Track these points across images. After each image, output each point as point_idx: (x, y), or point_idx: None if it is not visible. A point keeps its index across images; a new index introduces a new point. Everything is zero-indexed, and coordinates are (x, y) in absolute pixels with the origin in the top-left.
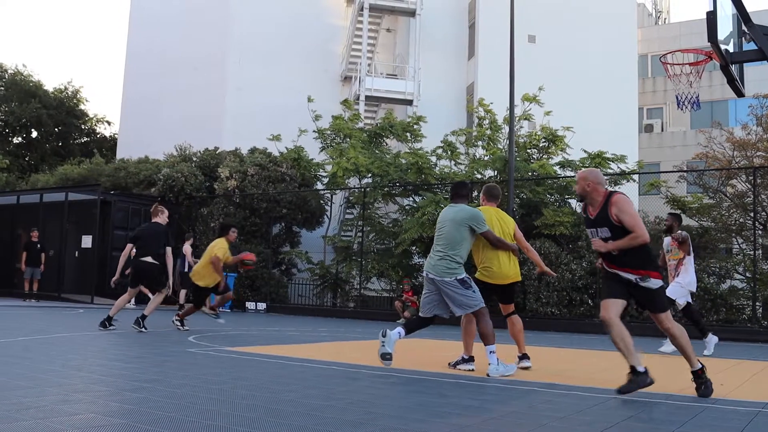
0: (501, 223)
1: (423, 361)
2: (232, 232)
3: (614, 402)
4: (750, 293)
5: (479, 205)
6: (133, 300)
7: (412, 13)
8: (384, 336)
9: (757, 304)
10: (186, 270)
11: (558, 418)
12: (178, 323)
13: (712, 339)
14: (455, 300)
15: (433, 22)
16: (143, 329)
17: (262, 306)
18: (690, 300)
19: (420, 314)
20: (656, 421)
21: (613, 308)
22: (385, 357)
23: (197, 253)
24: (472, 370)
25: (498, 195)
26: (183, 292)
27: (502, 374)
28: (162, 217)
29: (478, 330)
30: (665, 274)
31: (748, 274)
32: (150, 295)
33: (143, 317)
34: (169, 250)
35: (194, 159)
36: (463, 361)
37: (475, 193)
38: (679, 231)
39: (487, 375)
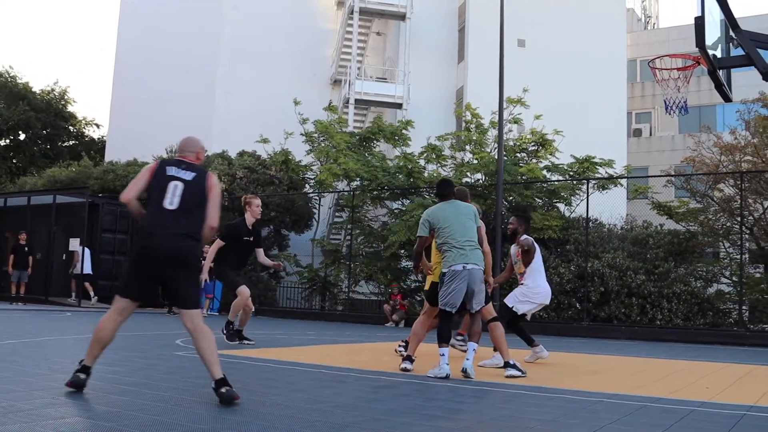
0: None
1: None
2: None
3: (600, 406)
4: (737, 297)
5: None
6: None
7: (402, 17)
8: (465, 373)
9: (744, 308)
10: None
11: (545, 422)
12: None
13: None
14: (482, 292)
15: (423, 26)
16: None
17: None
18: (523, 311)
19: (451, 309)
20: (642, 424)
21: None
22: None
23: None
24: (410, 370)
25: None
26: None
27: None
28: (248, 211)
29: (472, 327)
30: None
31: (734, 278)
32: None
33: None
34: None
35: None
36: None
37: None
38: (525, 236)
39: (463, 369)
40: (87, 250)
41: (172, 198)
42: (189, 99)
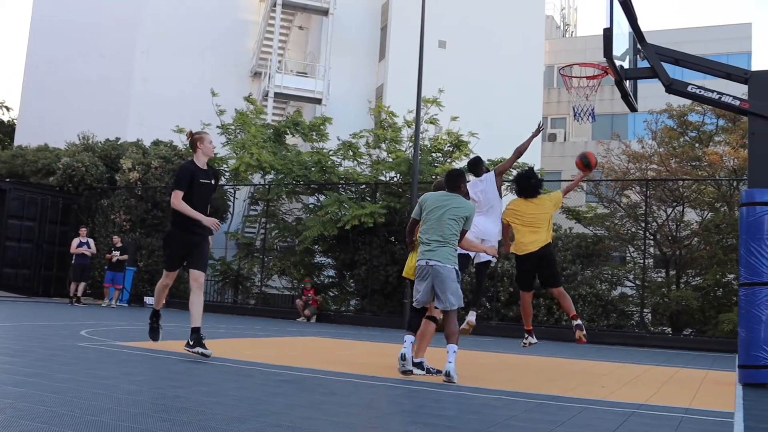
0: None
1: (319, 359)
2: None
3: (499, 402)
4: (639, 300)
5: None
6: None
7: (325, 12)
8: (403, 359)
9: (645, 310)
10: (73, 262)
11: (444, 417)
12: None
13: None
14: (449, 290)
15: (345, 22)
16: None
17: None
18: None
19: (417, 305)
20: (536, 420)
21: None
22: (408, 374)
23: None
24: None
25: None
26: (74, 285)
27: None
28: (200, 148)
29: (447, 329)
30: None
31: (638, 282)
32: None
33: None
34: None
35: (97, 149)
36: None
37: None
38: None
39: (446, 373)
40: None
41: None
42: (105, 84)
